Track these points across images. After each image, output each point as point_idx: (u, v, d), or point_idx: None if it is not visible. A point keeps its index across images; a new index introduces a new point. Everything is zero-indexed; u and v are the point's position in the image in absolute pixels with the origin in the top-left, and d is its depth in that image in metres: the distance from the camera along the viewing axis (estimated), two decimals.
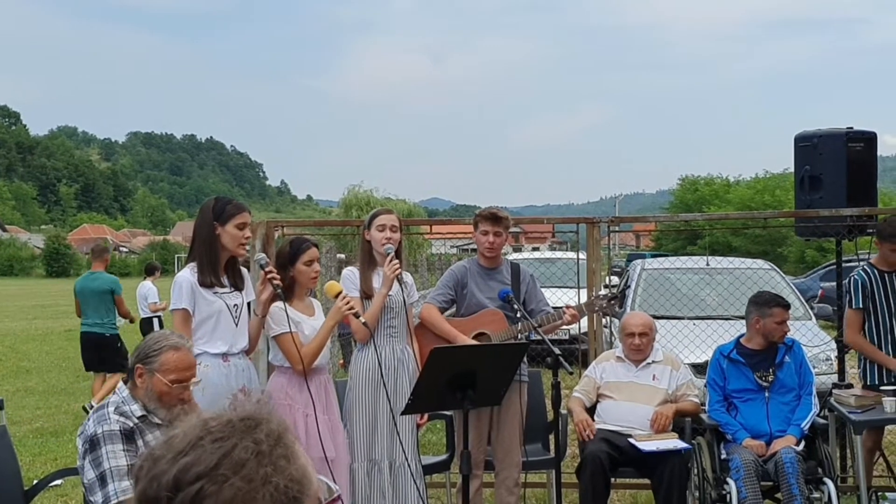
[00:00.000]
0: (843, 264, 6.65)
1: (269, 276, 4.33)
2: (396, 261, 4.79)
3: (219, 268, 4.29)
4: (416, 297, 5.01)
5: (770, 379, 5.40)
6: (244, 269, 4.55)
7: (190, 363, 3.56)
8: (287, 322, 4.40)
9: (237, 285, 4.39)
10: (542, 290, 5.49)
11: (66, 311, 29.44)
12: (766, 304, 5.43)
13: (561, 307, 5.20)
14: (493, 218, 5.22)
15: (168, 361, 3.48)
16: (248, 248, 4.47)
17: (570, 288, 8.22)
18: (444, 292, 5.27)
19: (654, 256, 32.80)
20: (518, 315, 5.07)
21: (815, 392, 5.43)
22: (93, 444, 3.43)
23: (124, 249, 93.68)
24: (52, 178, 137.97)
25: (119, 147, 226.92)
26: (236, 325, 4.33)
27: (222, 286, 4.30)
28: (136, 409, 3.50)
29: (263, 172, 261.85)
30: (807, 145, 6.27)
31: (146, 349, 3.53)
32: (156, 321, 13.69)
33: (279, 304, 4.49)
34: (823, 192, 6.16)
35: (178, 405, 3.56)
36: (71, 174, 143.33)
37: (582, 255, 7.30)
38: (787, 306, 5.45)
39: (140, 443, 3.49)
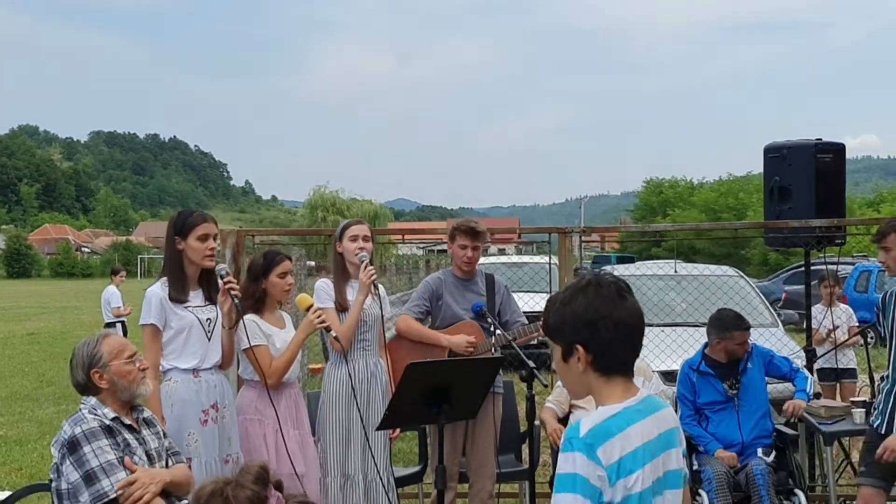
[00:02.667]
0: (811, 267, 6.72)
1: (227, 286, 4.24)
2: (371, 267, 4.74)
3: (185, 284, 4.21)
4: (389, 314, 4.95)
5: (738, 387, 5.43)
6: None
7: (124, 340, 3.78)
8: (249, 336, 4.33)
9: (212, 299, 4.30)
10: (514, 295, 5.46)
11: (29, 313, 28.96)
12: (726, 328, 5.41)
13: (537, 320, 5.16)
14: (473, 233, 5.16)
15: (111, 348, 3.61)
16: (216, 258, 4.33)
17: (540, 293, 8.21)
18: (420, 304, 5.23)
19: (619, 259, 33.02)
20: (493, 329, 5.04)
21: (802, 367, 5.63)
22: (72, 445, 3.42)
23: (86, 250, 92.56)
24: (12, 178, 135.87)
25: (81, 146, 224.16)
26: (209, 339, 4.24)
27: (189, 301, 4.22)
28: (108, 412, 3.56)
29: (227, 172, 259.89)
30: (776, 156, 6.32)
31: (87, 357, 3.59)
32: (119, 326, 13.47)
33: (248, 316, 4.42)
34: (793, 203, 6.21)
35: (143, 376, 3.65)
36: (32, 174, 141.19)
37: (554, 260, 7.30)
38: (746, 328, 5.43)
39: (119, 438, 3.51)
